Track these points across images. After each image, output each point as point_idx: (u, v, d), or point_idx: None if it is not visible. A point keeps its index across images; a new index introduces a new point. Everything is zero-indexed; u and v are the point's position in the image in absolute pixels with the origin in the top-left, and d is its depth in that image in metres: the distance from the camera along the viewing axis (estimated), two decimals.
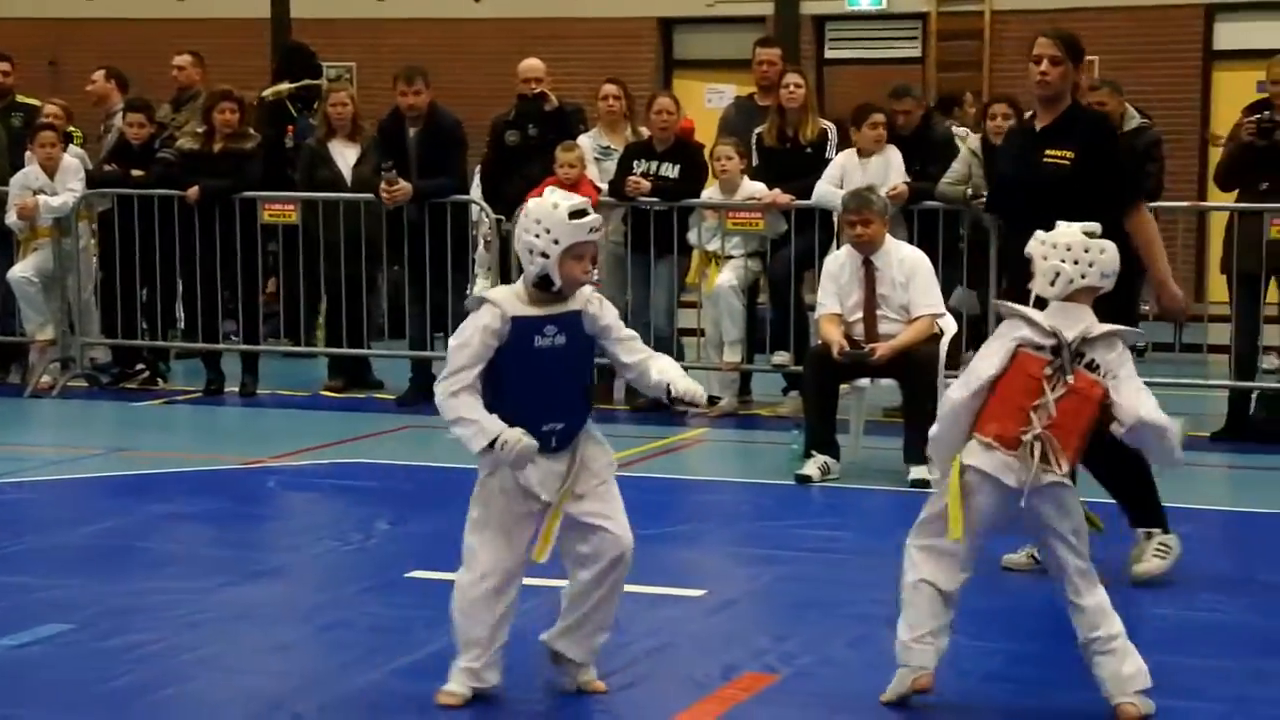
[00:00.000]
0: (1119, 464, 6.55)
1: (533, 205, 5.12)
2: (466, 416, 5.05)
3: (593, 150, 11.39)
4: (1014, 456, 5.04)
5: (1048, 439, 5.03)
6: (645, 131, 11.96)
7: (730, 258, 10.86)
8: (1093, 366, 5.07)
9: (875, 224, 8.93)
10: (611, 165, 11.39)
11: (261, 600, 6.53)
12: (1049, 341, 5.09)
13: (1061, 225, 5.25)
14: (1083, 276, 5.14)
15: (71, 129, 12.63)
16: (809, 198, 10.63)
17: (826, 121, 11.15)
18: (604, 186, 11.18)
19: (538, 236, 5.03)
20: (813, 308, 10.28)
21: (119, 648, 5.78)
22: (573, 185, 10.99)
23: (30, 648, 5.81)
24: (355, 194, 11.51)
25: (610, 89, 11.65)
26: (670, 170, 11.04)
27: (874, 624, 6.04)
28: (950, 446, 5.17)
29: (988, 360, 5.16)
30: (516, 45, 15.21)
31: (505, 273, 11.35)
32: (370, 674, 5.50)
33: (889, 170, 10.49)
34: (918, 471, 8.57)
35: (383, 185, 11.12)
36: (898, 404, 9.61)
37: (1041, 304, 5.22)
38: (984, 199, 10.22)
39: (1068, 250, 5.16)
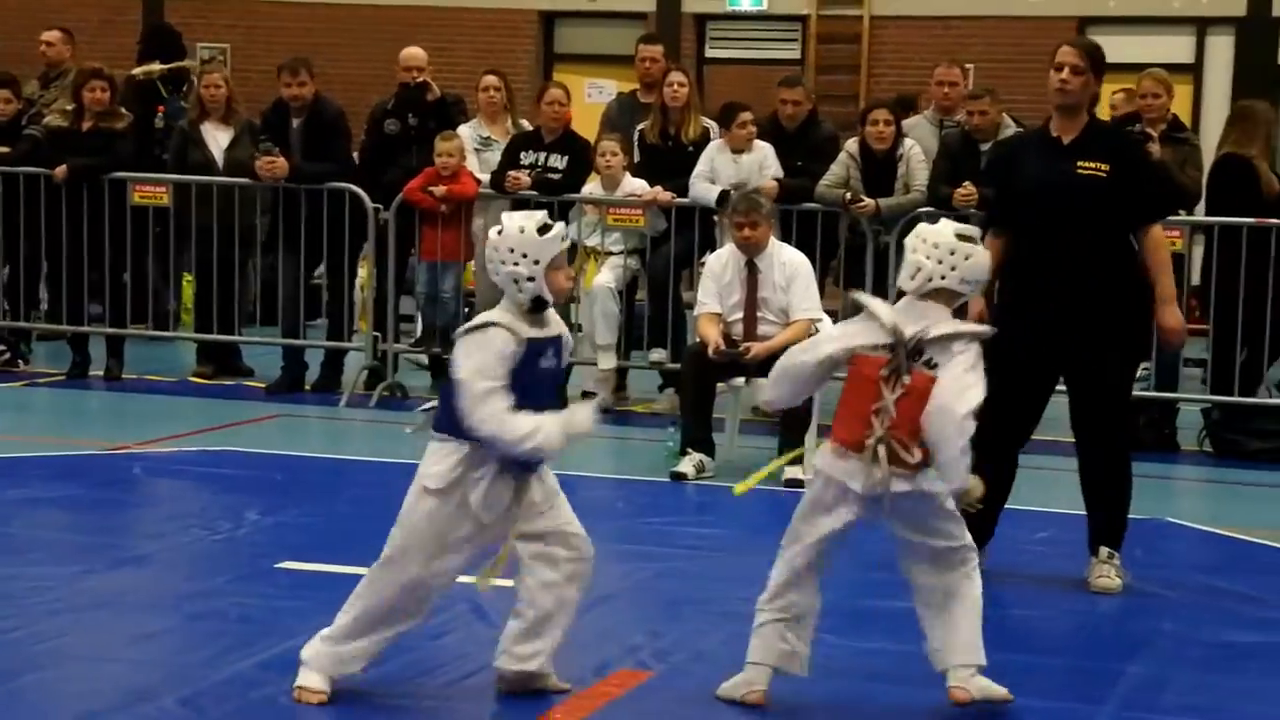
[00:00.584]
0: (1116, 484, 6.60)
1: (499, 237, 5.04)
2: (534, 421, 4.95)
3: (473, 141, 11.31)
4: (859, 460, 5.04)
5: (890, 440, 4.99)
6: (525, 123, 11.91)
7: (610, 254, 10.82)
8: (931, 365, 5.00)
9: (762, 227, 8.96)
10: (491, 156, 11.32)
11: (126, 588, 6.40)
12: (887, 340, 5.03)
13: (941, 223, 5.21)
14: (942, 278, 5.08)
15: None
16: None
17: (709, 120, 11.15)
18: (484, 178, 11.09)
19: (518, 264, 5.00)
20: (691, 306, 10.29)
21: None
22: (451, 176, 10.93)
23: None
24: (228, 178, 11.32)
25: (491, 80, 11.57)
26: (559, 162, 10.98)
27: (747, 621, 5.97)
28: (779, 394, 5.26)
29: (831, 343, 5.16)
30: (395, 33, 15.11)
31: (381, 262, 11.24)
32: (238, 665, 5.41)
33: (762, 167, 10.52)
34: (793, 471, 8.60)
35: (260, 161, 10.96)
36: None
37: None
38: (864, 203, 10.31)
39: (935, 248, 5.10)
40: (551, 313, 5.15)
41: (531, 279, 4.99)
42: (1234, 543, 7.62)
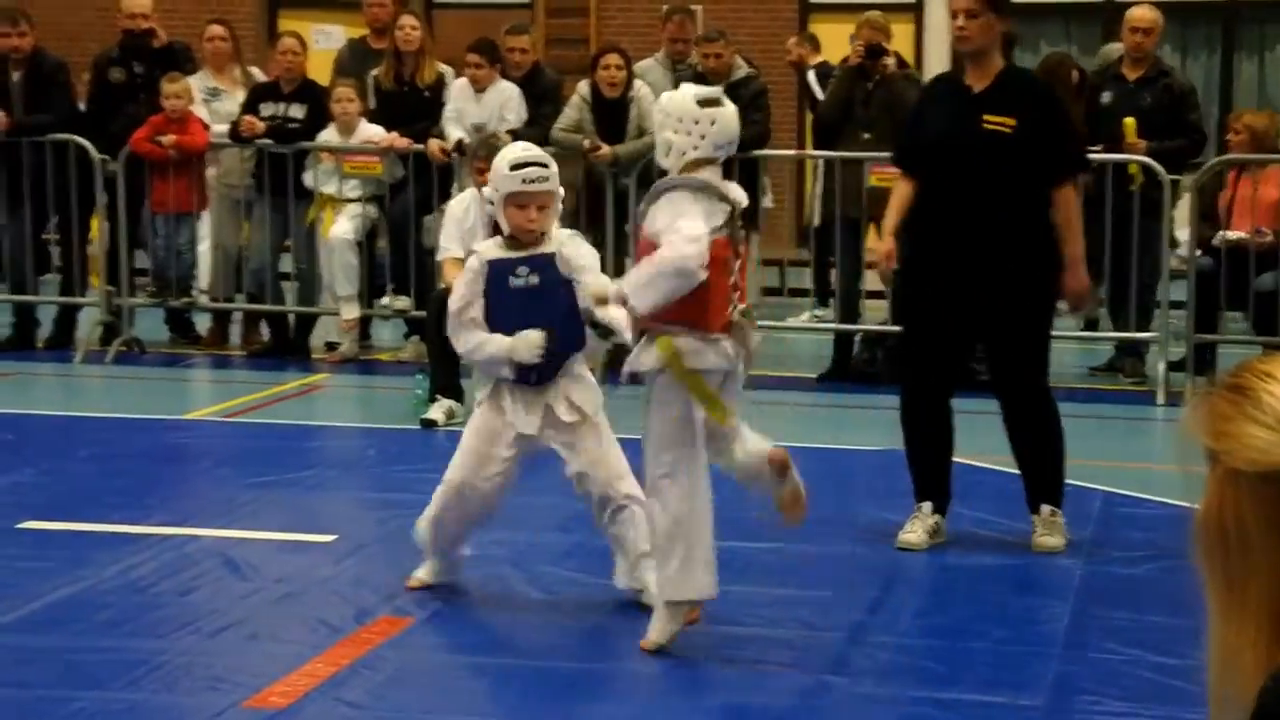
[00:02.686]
0: (1035, 438, 6.39)
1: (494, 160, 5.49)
2: (479, 339, 5.50)
3: (201, 92, 11.07)
4: (728, 339, 5.06)
5: (746, 311, 5.13)
6: (256, 71, 11.70)
7: (348, 201, 10.73)
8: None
9: None
10: (220, 106, 11.11)
11: None
12: (725, 213, 5.03)
13: (681, 91, 5.14)
14: (695, 148, 5.02)
15: None
16: (426, 141, 10.58)
17: (444, 65, 11.10)
18: (219, 128, 10.88)
19: (495, 189, 5.46)
20: (432, 252, 10.26)
21: None
22: (180, 120, 10.69)
23: None
24: None
25: (216, 29, 11.35)
26: (299, 111, 10.82)
27: (500, 564, 6.12)
28: (652, 302, 4.93)
29: (698, 240, 4.90)
30: None
31: (113, 214, 10.96)
32: None
33: (504, 107, 10.53)
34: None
35: None
36: None
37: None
38: (602, 150, 10.38)
39: (680, 121, 5.03)
40: (562, 233, 5.55)
41: (492, 203, 5.51)
42: (970, 470, 7.80)
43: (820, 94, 11.61)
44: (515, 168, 5.41)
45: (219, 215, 11.21)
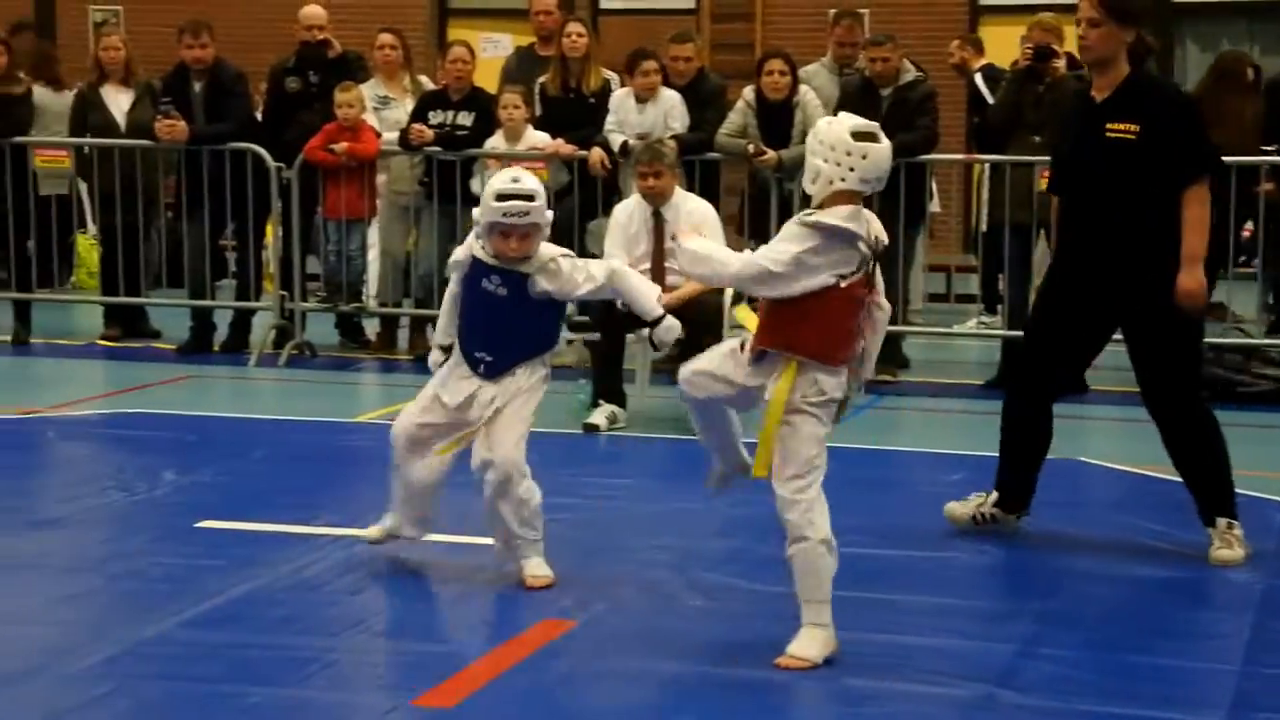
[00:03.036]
0: (1192, 450, 6.38)
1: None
2: (441, 319, 6.10)
3: (371, 100, 11.27)
4: (846, 375, 5.13)
5: (862, 353, 5.18)
6: (425, 80, 11.89)
7: None
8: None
9: (666, 176, 9.05)
10: (390, 114, 11.31)
11: (46, 550, 6.40)
12: (860, 259, 5.03)
13: (838, 120, 5.14)
14: (842, 179, 5.02)
15: None
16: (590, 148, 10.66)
17: (610, 72, 11.18)
18: (388, 135, 11.08)
19: (480, 215, 5.76)
20: (597, 258, 10.33)
21: None
22: (353, 128, 10.90)
23: None
24: (130, 140, 11.24)
25: (387, 38, 11.54)
26: (466, 119, 10.98)
27: (661, 569, 6.15)
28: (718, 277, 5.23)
29: (812, 280, 4.99)
30: None
31: (286, 220, 11.20)
32: (160, 625, 5.42)
33: (668, 116, 10.57)
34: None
35: (160, 123, 10.89)
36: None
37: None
38: (766, 154, 10.37)
39: (831, 150, 5.03)
40: (545, 254, 5.81)
41: (479, 224, 5.78)
42: (1144, 480, 7.71)
43: (989, 96, 11.49)
44: (500, 199, 5.68)
45: (387, 222, 11.41)
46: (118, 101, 11.45)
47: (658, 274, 9.02)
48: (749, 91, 10.69)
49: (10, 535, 6.56)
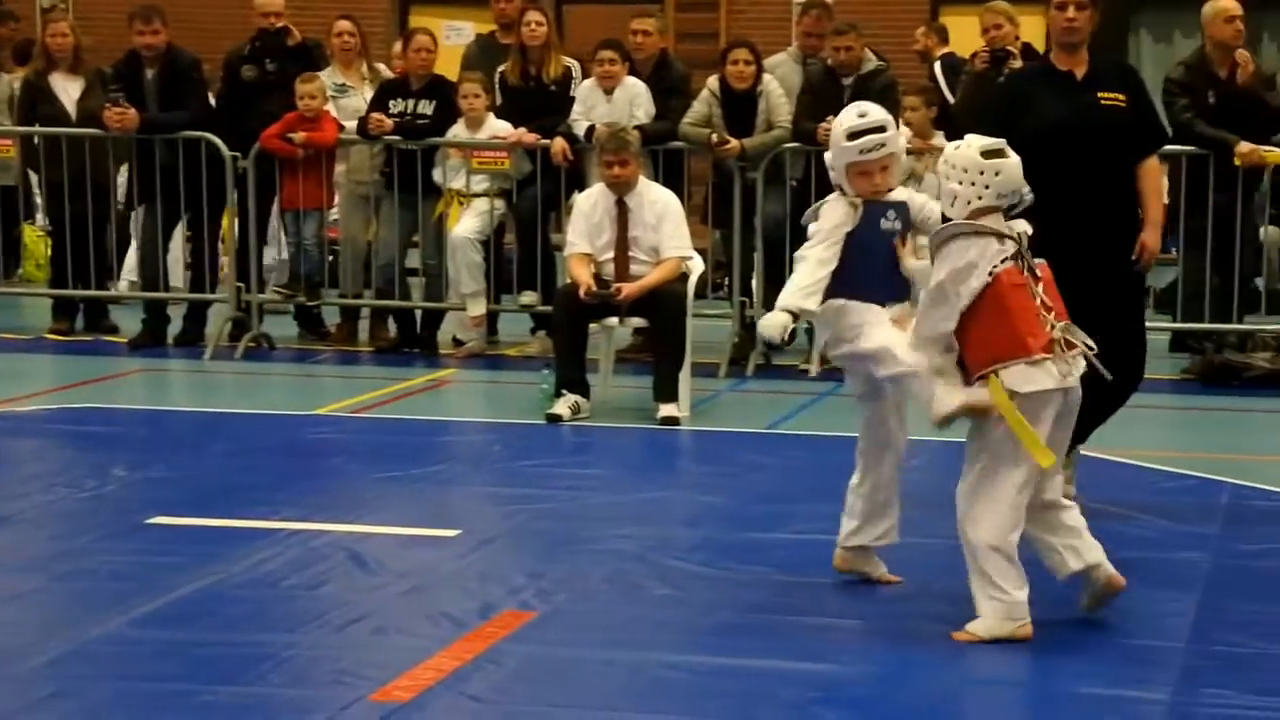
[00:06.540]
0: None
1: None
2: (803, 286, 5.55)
3: (329, 88, 11.11)
4: (1055, 359, 5.10)
5: (1067, 327, 5.15)
6: (384, 68, 11.74)
7: (476, 196, 10.71)
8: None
9: (632, 165, 8.96)
10: (348, 103, 11.16)
11: None
12: (1012, 247, 5.14)
13: (965, 144, 5.28)
14: (980, 198, 5.18)
15: None
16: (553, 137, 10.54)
17: (570, 59, 11.06)
18: (346, 125, 10.93)
19: (834, 160, 5.56)
20: (559, 248, 10.22)
21: None
22: (314, 119, 10.75)
23: None
24: (81, 129, 11.06)
25: (344, 25, 11.38)
26: (427, 108, 10.83)
27: (626, 559, 6.07)
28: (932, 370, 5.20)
29: (968, 284, 5.11)
30: None
31: (243, 211, 11.03)
32: (109, 624, 5.29)
33: (633, 104, 10.47)
34: (667, 409, 8.63)
35: (109, 112, 10.72)
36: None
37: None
38: (729, 143, 10.26)
39: (965, 172, 5.20)
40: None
41: (833, 170, 5.56)
42: (1086, 460, 7.66)
43: (945, 85, 11.45)
44: (853, 136, 5.48)
45: (347, 212, 11.26)
46: (67, 90, 11.23)
47: (621, 263, 8.93)
48: (714, 81, 10.60)
49: None
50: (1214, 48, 9.93)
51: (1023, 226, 5.25)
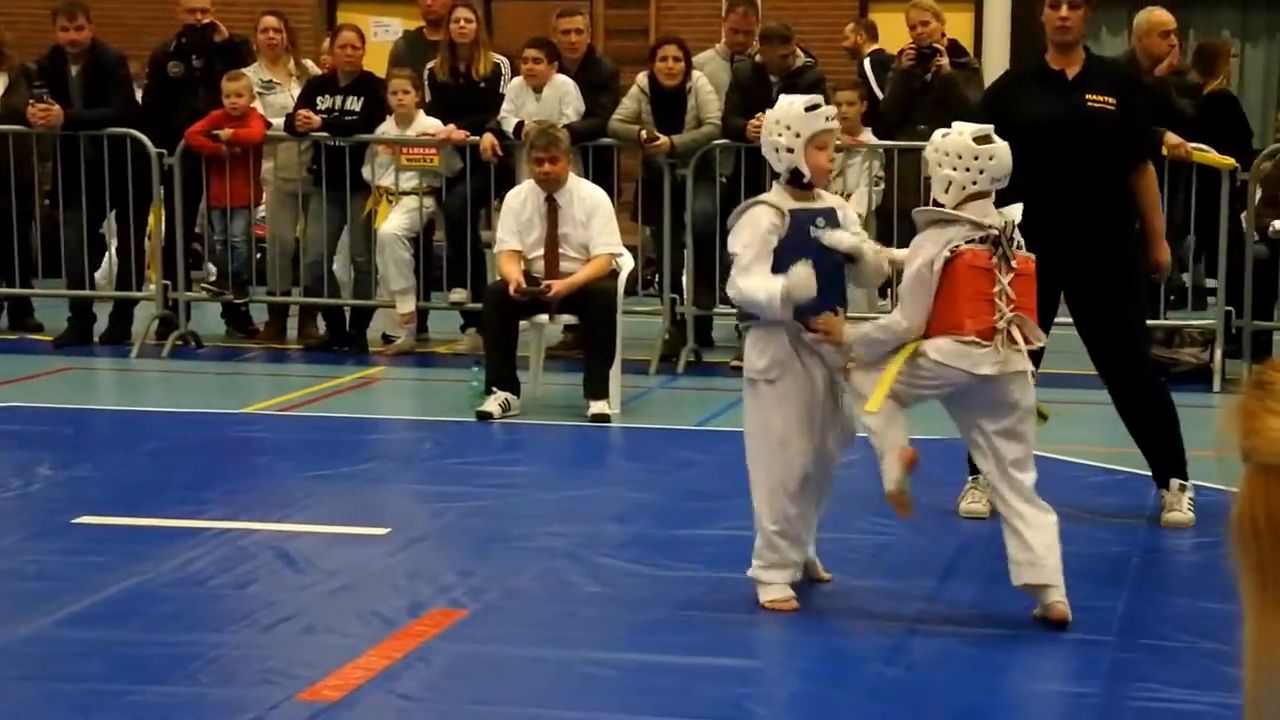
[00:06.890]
0: (1151, 414, 6.56)
1: (771, 112, 5.48)
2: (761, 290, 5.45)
3: (255, 84, 11.05)
4: (989, 347, 5.13)
5: (1019, 320, 5.18)
6: (310, 64, 11.68)
7: (405, 194, 10.68)
8: (1019, 247, 5.26)
9: (562, 162, 8.95)
10: (274, 100, 11.11)
11: None
12: (987, 234, 5.17)
13: (955, 130, 5.30)
14: (974, 183, 5.22)
15: None
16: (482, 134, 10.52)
17: (499, 56, 11.04)
18: (273, 121, 10.87)
19: (780, 135, 5.39)
20: (489, 245, 10.21)
21: None
22: (241, 116, 10.68)
23: None
24: (4, 126, 10.94)
25: (270, 21, 11.32)
26: (355, 104, 10.78)
27: (557, 556, 6.07)
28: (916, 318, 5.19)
29: (925, 249, 5.16)
30: None
31: (169, 208, 10.95)
32: (35, 623, 5.23)
33: (563, 102, 10.47)
34: (597, 406, 8.64)
35: (33, 107, 10.61)
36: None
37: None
38: (658, 140, 10.29)
39: (958, 158, 5.23)
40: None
41: (790, 150, 5.33)
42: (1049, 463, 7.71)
43: (874, 82, 11.52)
44: (811, 108, 5.42)
45: (275, 209, 11.20)
46: None
47: (551, 260, 8.92)
48: (643, 77, 10.62)
49: None
50: (1144, 56, 9.99)
51: (1014, 215, 5.28)
